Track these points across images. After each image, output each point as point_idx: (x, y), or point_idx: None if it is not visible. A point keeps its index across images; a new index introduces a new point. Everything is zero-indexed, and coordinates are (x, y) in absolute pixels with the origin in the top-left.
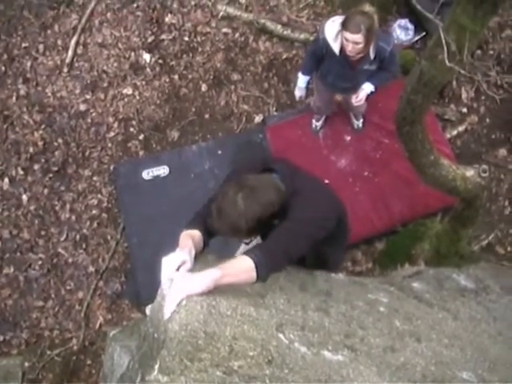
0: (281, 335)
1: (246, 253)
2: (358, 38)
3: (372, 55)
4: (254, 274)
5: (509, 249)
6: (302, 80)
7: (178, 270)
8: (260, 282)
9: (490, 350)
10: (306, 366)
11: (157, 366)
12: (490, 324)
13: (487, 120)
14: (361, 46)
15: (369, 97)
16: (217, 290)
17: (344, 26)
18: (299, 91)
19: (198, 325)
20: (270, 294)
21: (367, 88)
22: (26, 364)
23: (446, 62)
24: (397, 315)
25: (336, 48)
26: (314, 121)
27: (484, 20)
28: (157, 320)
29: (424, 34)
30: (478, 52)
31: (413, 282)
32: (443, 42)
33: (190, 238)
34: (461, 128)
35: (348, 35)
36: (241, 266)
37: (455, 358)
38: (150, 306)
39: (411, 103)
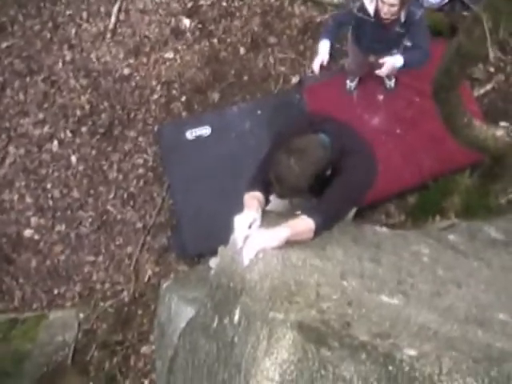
0: (345, 282)
1: (307, 213)
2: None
3: (403, 18)
4: (312, 235)
5: None
6: (325, 45)
7: (249, 227)
8: None
9: None
10: (377, 306)
11: (237, 311)
12: None
13: None
14: (396, 8)
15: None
16: (285, 245)
17: None
18: (321, 57)
19: (277, 274)
20: (329, 247)
21: (396, 61)
22: (81, 315)
23: (480, 39)
24: (438, 264)
25: (371, 10)
26: (348, 81)
27: None
28: (230, 271)
29: None
30: None
31: (448, 235)
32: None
33: (255, 198)
34: (488, 86)
35: None
36: (305, 226)
37: (492, 301)
38: (213, 259)
39: (448, 72)
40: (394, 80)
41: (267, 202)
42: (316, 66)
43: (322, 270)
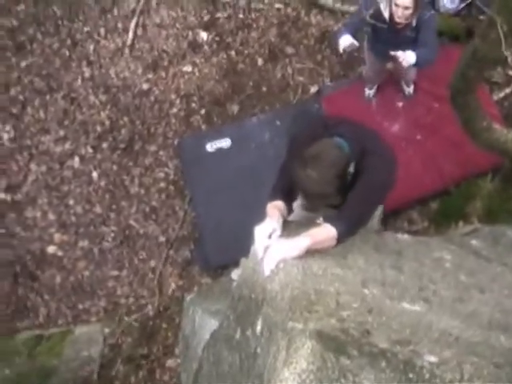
0: (366, 290)
1: (329, 221)
2: (408, 2)
3: (414, 22)
4: (334, 242)
5: None
6: (347, 38)
7: (269, 237)
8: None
9: None
10: (398, 314)
11: (259, 322)
12: None
13: None
14: (410, 10)
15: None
16: (306, 254)
17: None
18: (346, 42)
19: (297, 284)
20: (350, 255)
21: (409, 56)
22: (106, 330)
23: (495, 43)
24: (461, 270)
25: (386, 15)
26: (366, 89)
27: None
28: (251, 283)
29: (469, 1)
30: None
31: (471, 240)
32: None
33: (276, 208)
34: (508, 90)
35: (399, 0)
36: (327, 235)
37: None
38: (235, 271)
39: (465, 76)
40: (412, 87)
41: (290, 210)
42: (345, 45)
43: (342, 279)
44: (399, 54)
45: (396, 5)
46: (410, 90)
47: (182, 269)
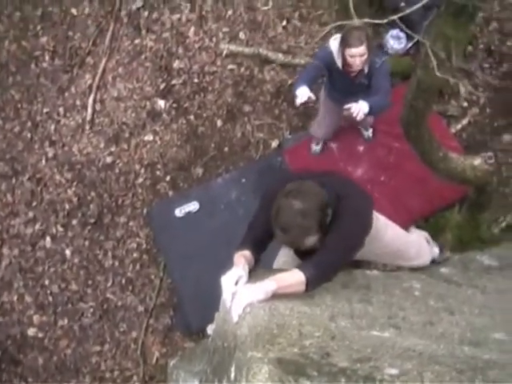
0: (333, 324)
1: (300, 267)
2: (363, 49)
3: (366, 69)
4: (304, 287)
5: None
6: (303, 89)
7: (236, 284)
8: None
9: None
10: (362, 339)
11: (233, 368)
12: None
13: (487, 110)
14: (366, 56)
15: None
16: (273, 298)
17: (346, 43)
18: (303, 96)
19: (264, 324)
20: (317, 295)
21: (362, 105)
22: None
23: (436, 70)
24: (430, 296)
25: (339, 63)
26: (313, 145)
27: (465, 28)
28: (223, 332)
29: (416, 39)
30: (470, 48)
31: (441, 268)
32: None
33: (242, 256)
34: (464, 121)
35: (353, 50)
36: (293, 279)
37: (487, 324)
38: (210, 326)
39: (414, 108)
40: (371, 130)
41: (257, 260)
42: (299, 101)
43: (309, 316)
44: (353, 107)
45: (351, 56)
46: (369, 133)
47: (164, 336)
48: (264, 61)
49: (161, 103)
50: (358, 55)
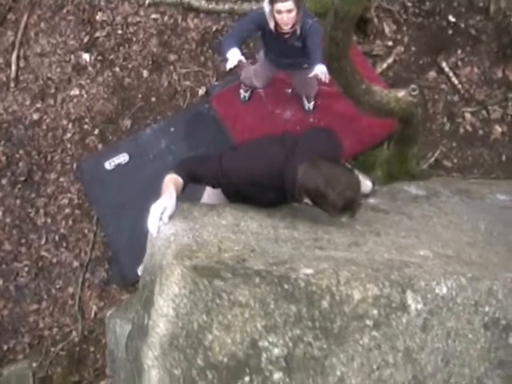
0: (255, 242)
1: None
2: (289, 4)
3: (298, 31)
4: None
5: (455, 161)
6: (235, 52)
7: (160, 218)
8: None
9: (443, 234)
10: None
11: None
12: (441, 217)
13: (412, 48)
14: (294, 13)
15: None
16: (199, 225)
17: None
18: (234, 59)
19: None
20: (243, 223)
21: (322, 68)
22: (34, 364)
23: None
24: (357, 222)
25: (272, 25)
26: (242, 91)
27: None
28: (150, 266)
29: None
30: None
31: (369, 199)
32: None
33: (173, 183)
34: (390, 60)
35: (279, 5)
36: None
37: (412, 243)
38: (140, 267)
39: (334, 40)
40: (312, 102)
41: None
42: (229, 65)
43: (234, 241)
44: (318, 73)
45: (278, 12)
46: (310, 105)
47: (100, 290)
48: (187, 8)
49: (85, 56)
50: (284, 10)
